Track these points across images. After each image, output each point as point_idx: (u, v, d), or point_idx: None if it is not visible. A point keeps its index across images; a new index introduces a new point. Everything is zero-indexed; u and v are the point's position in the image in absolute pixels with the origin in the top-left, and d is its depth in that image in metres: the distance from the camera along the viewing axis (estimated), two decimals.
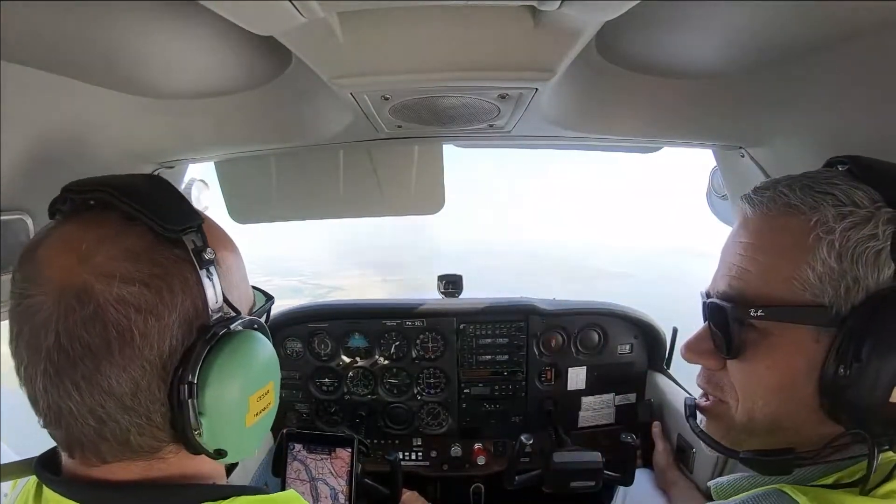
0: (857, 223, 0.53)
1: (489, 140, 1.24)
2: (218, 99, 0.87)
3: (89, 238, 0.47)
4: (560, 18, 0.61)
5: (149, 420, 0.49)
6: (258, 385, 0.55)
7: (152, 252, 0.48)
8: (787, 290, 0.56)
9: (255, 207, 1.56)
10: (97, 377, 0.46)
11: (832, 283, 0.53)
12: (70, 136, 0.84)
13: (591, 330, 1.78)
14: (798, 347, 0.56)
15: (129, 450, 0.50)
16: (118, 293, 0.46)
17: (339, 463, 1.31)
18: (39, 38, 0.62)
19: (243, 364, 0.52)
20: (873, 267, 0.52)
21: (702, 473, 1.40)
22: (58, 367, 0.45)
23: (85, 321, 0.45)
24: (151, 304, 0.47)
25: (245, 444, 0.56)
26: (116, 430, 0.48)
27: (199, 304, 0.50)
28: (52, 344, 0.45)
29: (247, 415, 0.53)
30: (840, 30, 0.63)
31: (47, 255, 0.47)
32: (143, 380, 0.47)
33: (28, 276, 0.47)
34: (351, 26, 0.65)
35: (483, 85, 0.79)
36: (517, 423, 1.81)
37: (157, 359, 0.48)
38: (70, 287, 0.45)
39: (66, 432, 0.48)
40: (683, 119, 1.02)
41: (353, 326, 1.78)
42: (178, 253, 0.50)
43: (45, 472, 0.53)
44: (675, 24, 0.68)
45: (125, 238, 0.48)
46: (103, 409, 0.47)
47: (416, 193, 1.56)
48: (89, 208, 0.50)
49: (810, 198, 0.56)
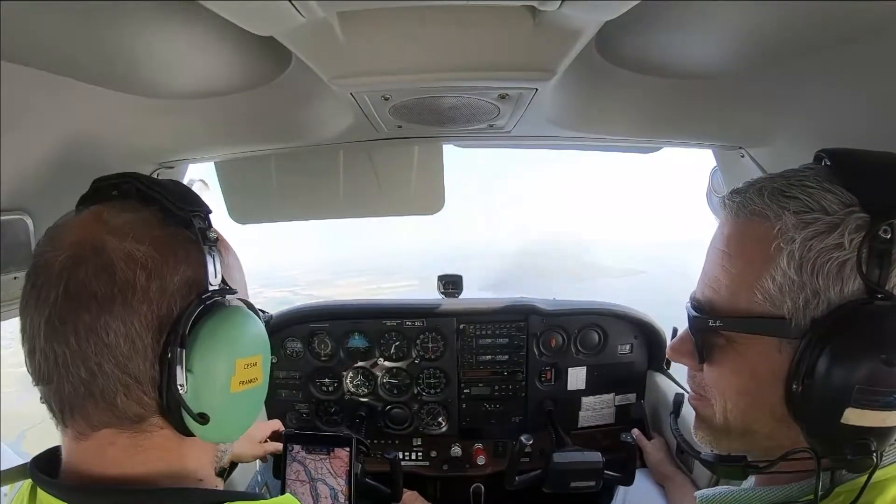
0: (820, 232, 0.51)
1: (489, 140, 1.24)
2: (218, 99, 0.87)
3: (111, 210, 0.53)
4: (560, 18, 0.61)
5: (138, 381, 0.50)
6: (246, 352, 0.56)
7: (164, 226, 0.53)
8: (748, 300, 0.55)
9: (255, 207, 1.56)
10: (96, 326, 0.48)
11: (791, 295, 0.52)
12: (70, 136, 0.84)
13: (591, 330, 1.78)
14: (762, 357, 0.55)
15: (115, 414, 0.51)
16: (129, 249, 0.49)
17: (337, 463, 1.31)
18: (40, 38, 0.62)
19: (234, 329, 0.55)
20: (836, 279, 0.50)
21: (701, 473, 1.40)
22: (61, 314, 0.48)
23: (95, 271, 0.48)
24: (157, 264, 0.50)
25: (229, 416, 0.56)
26: (106, 387, 0.49)
27: (199, 276, 0.53)
28: (61, 292, 0.48)
29: (232, 377, 0.54)
30: (840, 30, 0.63)
31: (69, 225, 0.52)
32: (138, 338, 0.49)
33: (48, 242, 0.51)
34: (351, 26, 0.65)
35: (483, 85, 0.79)
36: (517, 424, 1.81)
37: (155, 319, 0.50)
38: (87, 242, 0.50)
39: (58, 386, 0.50)
40: (683, 119, 1.02)
41: (353, 326, 1.78)
42: (187, 232, 0.54)
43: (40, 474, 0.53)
44: (675, 24, 0.68)
45: (141, 213, 0.53)
46: (96, 358, 0.48)
47: (416, 193, 1.56)
48: (111, 197, 0.56)
49: (776, 203, 0.54)
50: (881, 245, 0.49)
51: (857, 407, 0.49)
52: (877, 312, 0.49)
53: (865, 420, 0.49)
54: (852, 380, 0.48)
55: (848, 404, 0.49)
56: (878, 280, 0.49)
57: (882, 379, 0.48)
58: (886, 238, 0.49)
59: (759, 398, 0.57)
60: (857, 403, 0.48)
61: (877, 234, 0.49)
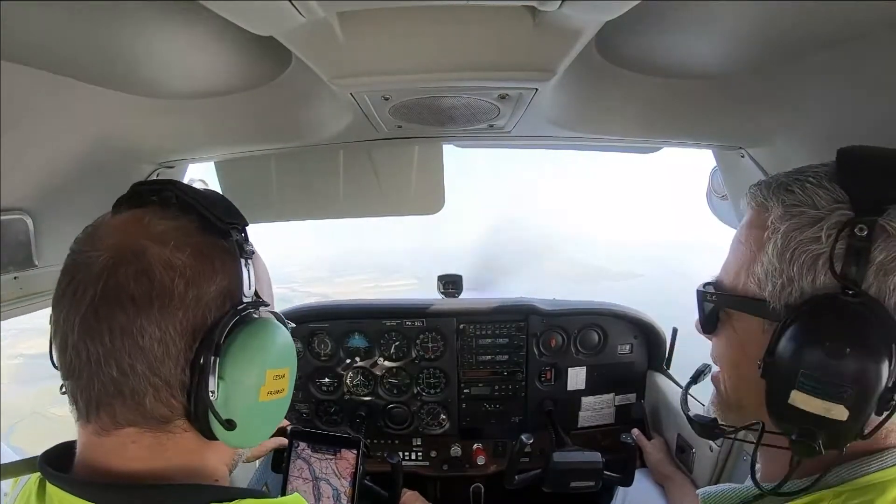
0: (802, 225, 0.55)
1: (489, 140, 1.24)
2: (218, 99, 0.87)
3: (152, 215, 0.53)
4: (560, 18, 0.61)
5: (167, 384, 0.51)
6: (277, 363, 0.57)
7: (203, 236, 0.54)
8: (742, 281, 0.61)
9: (255, 207, 1.56)
10: (132, 329, 0.49)
11: (772, 280, 0.57)
12: (70, 136, 0.84)
13: (591, 330, 1.78)
14: (749, 334, 0.61)
15: (142, 414, 0.51)
16: (169, 257, 0.50)
17: (343, 464, 1.31)
18: (40, 38, 0.62)
19: (266, 340, 0.56)
20: (809, 270, 0.54)
21: (701, 473, 1.40)
22: (98, 313, 0.49)
23: (135, 274, 0.49)
24: (195, 273, 0.51)
25: (255, 423, 0.58)
26: (136, 386, 0.50)
27: (234, 287, 0.55)
28: (100, 291, 0.49)
29: (262, 387, 0.56)
30: (840, 30, 0.63)
31: (109, 226, 0.53)
32: (171, 343, 0.50)
33: (87, 240, 0.52)
34: (351, 26, 0.65)
35: (483, 85, 0.79)
36: (517, 423, 1.81)
37: (189, 325, 0.51)
38: (128, 245, 0.50)
39: (87, 382, 0.50)
40: (683, 119, 1.02)
41: (353, 326, 1.78)
42: (224, 243, 0.55)
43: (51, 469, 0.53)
44: (675, 24, 0.68)
45: (181, 222, 0.54)
46: (128, 359, 0.49)
47: (416, 193, 1.56)
48: (150, 203, 0.56)
49: (775, 196, 0.59)
50: (858, 242, 0.51)
51: (801, 391, 0.52)
52: (838, 307, 0.52)
53: (810, 406, 0.52)
54: (799, 363, 0.52)
55: (794, 386, 0.53)
56: (854, 276, 0.51)
57: (827, 369, 0.51)
58: (863, 236, 0.51)
59: (746, 374, 0.61)
60: (801, 387, 0.52)
61: (853, 232, 0.51)
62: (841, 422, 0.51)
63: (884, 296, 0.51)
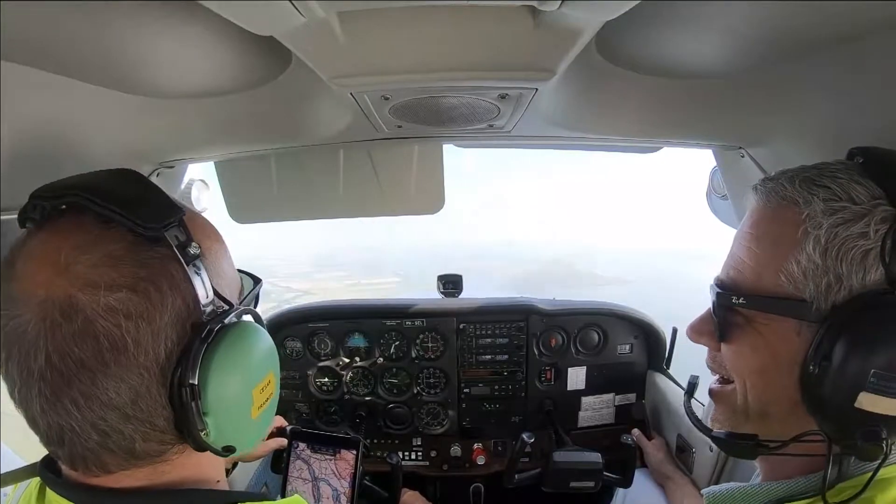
0: (847, 220, 0.52)
1: (489, 140, 1.24)
2: (218, 99, 0.87)
3: (66, 246, 0.45)
4: (560, 18, 0.61)
5: (152, 426, 0.48)
6: (259, 377, 0.53)
7: (134, 253, 0.46)
8: (773, 281, 0.57)
9: (255, 207, 1.56)
10: (95, 391, 0.44)
11: (814, 279, 0.53)
12: (70, 135, 0.84)
13: (591, 330, 1.78)
14: (780, 337, 0.57)
15: (134, 457, 0.48)
16: (105, 302, 0.43)
17: (343, 465, 1.31)
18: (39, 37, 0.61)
19: (242, 358, 0.51)
20: (859, 266, 0.51)
21: (701, 473, 1.40)
22: (53, 388, 0.44)
23: (74, 336, 0.43)
24: (141, 308, 0.45)
25: (252, 437, 0.56)
26: (121, 440, 0.47)
27: (189, 301, 0.48)
28: (44, 364, 0.43)
29: (251, 408, 0.52)
30: (840, 30, 0.63)
31: (25, 268, 0.45)
32: (141, 387, 0.46)
33: (10, 294, 0.45)
34: (351, 26, 0.65)
35: (483, 85, 0.79)
36: (517, 423, 1.81)
37: (154, 363, 0.46)
38: (53, 301, 0.43)
39: (70, 449, 0.47)
40: (683, 119, 1.02)
41: (353, 326, 1.78)
42: (162, 251, 0.47)
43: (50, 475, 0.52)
44: (675, 24, 0.68)
45: (104, 243, 0.45)
46: (105, 423, 0.45)
47: (416, 193, 1.56)
48: (62, 213, 0.48)
49: (806, 190, 0.56)
50: None
51: (871, 392, 0.49)
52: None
53: (878, 406, 0.50)
54: (868, 364, 0.49)
55: (862, 388, 0.50)
56: None
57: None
58: None
59: (776, 380, 0.58)
60: (871, 388, 0.49)
61: None
62: None
63: None
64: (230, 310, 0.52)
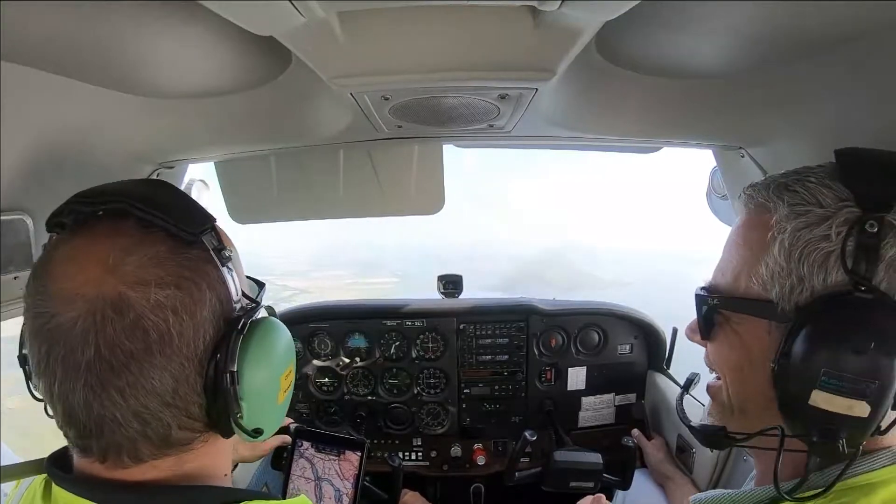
0: (810, 223, 0.54)
1: (489, 140, 1.24)
2: (218, 99, 0.87)
3: (113, 248, 0.48)
4: (560, 18, 0.61)
5: (187, 413, 0.51)
6: (285, 365, 0.59)
7: (176, 255, 0.50)
8: (746, 283, 0.60)
9: (255, 207, 1.56)
10: (141, 380, 0.47)
11: (780, 281, 0.56)
12: (70, 136, 0.84)
13: (591, 330, 1.78)
14: (753, 336, 0.60)
15: (168, 445, 0.51)
16: (155, 298, 0.47)
17: (346, 465, 1.31)
18: (39, 38, 0.61)
19: (271, 349, 0.56)
20: (821, 268, 0.53)
21: (701, 474, 1.40)
22: (101, 378, 0.46)
23: (126, 330, 0.46)
24: (185, 303, 0.49)
25: (276, 420, 0.61)
26: (159, 427, 0.50)
27: (223, 298, 0.53)
28: (93, 356, 0.46)
29: (279, 393, 0.58)
30: (840, 30, 0.63)
31: (68, 270, 0.47)
32: (181, 375, 0.49)
33: (49, 294, 0.47)
34: (351, 26, 0.65)
35: (483, 85, 0.79)
36: (517, 423, 1.81)
37: (194, 354, 0.50)
38: (105, 299, 0.46)
39: (108, 439, 0.49)
40: (683, 119, 1.02)
41: (353, 326, 1.78)
42: (198, 253, 0.52)
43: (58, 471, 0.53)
44: (675, 24, 0.68)
45: (148, 245, 0.49)
46: (147, 410, 0.48)
47: (416, 193, 1.56)
48: (97, 219, 0.50)
49: (776, 196, 0.58)
50: (868, 239, 0.51)
51: (823, 390, 0.51)
52: (855, 303, 0.51)
53: (832, 405, 0.51)
54: (820, 363, 0.52)
55: (815, 386, 0.52)
56: (864, 273, 0.51)
57: (849, 366, 0.50)
58: (873, 232, 0.51)
59: (751, 377, 0.61)
60: (823, 386, 0.51)
61: (863, 228, 0.51)
62: (862, 419, 0.51)
63: (894, 291, 0.51)
64: (257, 306, 0.58)
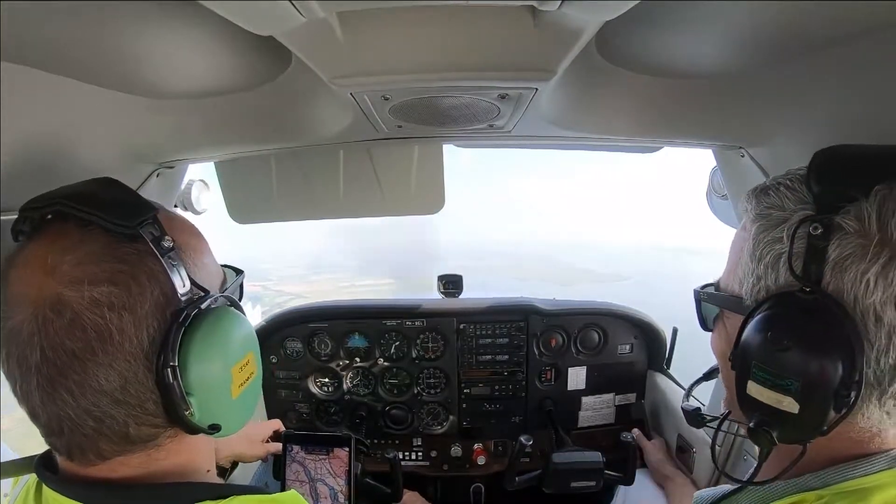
0: (769, 226, 0.58)
1: (489, 140, 1.24)
2: (218, 99, 0.87)
3: (52, 250, 0.49)
4: (560, 18, 0.61)
5: (143, 409, 0.51)
6: (237, 356, 0.57)
7: (113, 250, 0.50)
8: (729, 281, 0.66)
9: (255, 207, 1.56)
10: (87, 379, 0.48)
11: (747, 280, 0.61)
12: (70, 136, 0.84)
13: (591, 330, 1.78)
14: (734, 329, 0.63)
15: (129, 442, 0.51)
16: (90, 295, 0.47)
17: (337, 463, 1.31)
18: (39, 38, 0.61)
19: (219, 339, 0.55)
20: (773, 269, 0.57)
21: (702, 474, 1.40)
22: (49, 379, 0.47)
23: (65, 329, 0.47)
24: (122, 299, 0.49)
25: (236, 415, 0.59)
26: (114, 425, 0.50)
27: (167, 290, 0.52)
28: (39, 358, 0.47)
29: (231, 385, 0.56)
30: (840, 30, 0.63)
31: (17, 275, 0.50)
32: (129, 372, 0.49)
33: (5, 299, 0.49)
34: (351, 26, 0.65)
35: (483, 85, 0.79)
36: (517, 423, 1.81)
37: (139, 350, 0.50)
38: (43, 300, 0.47)
39: (68, 438, 0.50)
40: (683, 119, 1.02)
41: (353, 326, 1.78)
42: (139, 247, 0.51)
43: (45, 471, 0.54)
44: (675, 24, 0.68)
45: (85, 243, 0.50)
46: (98, 409, 0.49)
47: (416, 193, 1.56)
48: (48, 223, 0.52)
49: (754, 200, 0.62)
50: (815, 241, 0.52)
51: (754, 381, 0.56)
52: (790, 302, 0.54)
53: (763, 397, 0.55)
54: (752, 356, 0.56)
55: (749, 377, 0.56)
56: (813, 274, 0.52)
57: (773, 361, 0.54)
58: (817, 234, 0.52)
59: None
60: (754, 377, 0.56)
61: (808, 231, 0.52)
62: (794, 415, 0.53)
63: (842, 293, 0.51)
64: (205, 296, 0.55)
